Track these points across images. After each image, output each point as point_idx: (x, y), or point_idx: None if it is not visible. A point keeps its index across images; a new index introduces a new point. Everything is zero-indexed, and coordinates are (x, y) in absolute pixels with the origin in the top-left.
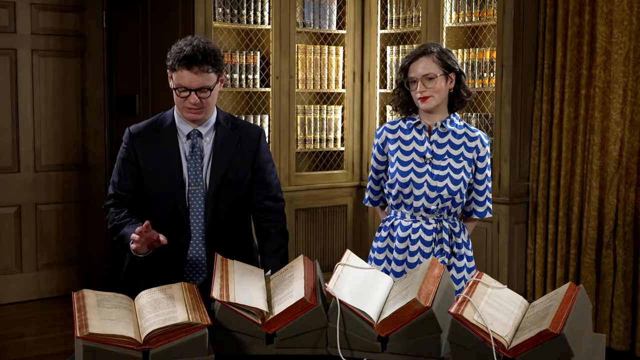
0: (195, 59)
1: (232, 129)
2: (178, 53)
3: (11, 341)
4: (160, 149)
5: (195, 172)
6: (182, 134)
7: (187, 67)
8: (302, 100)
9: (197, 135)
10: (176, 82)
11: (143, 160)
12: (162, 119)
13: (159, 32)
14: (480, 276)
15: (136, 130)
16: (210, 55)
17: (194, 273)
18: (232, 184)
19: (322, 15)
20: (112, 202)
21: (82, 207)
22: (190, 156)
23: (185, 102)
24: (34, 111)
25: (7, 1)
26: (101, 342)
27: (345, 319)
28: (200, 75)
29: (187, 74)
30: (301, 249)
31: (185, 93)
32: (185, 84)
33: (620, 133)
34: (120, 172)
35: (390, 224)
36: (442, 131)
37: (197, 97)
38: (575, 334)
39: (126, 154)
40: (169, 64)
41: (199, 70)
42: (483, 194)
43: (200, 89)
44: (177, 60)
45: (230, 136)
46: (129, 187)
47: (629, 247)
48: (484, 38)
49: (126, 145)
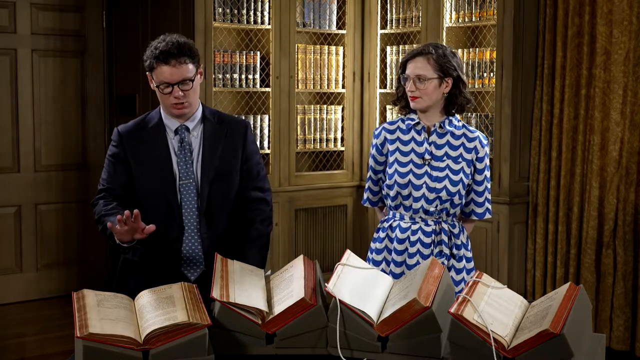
0: (171, 52)
1: (219, 122)
2: (153, 51)
3: (11, 341)
4: (150, 146)
5: (186, 166)
6: (170, 130)
7: (165, 61)
8: (302, 100)
9: (185, 130)
10: (157, 79)
11: (133, 158)
12: (149, 118)
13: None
14: (480, 276)
15: (125, 129)
16: (185, 47)
17: (190, 266)
18: (223, 175)
19: (322, 15)
20: (101, 196)
21: (82, 207)
22: (180, 151)
23: (169, 98)
24: (34, 111)
25: (7, 1)
26: (101, 342)
27: (345, 319)
28: (179, 67)
29: (167, 69)
30: (301, 249)
31: (168, 89)
32: (166, 79)
33: (620, 133)
34: (109, 169)
35: (388, 225)
36: (441, 132)
37: (180, 90)
38: (575, 334)
39: (116, 152)
40: (147, 65)
41: (177, 63)
42: (482, 194)
43: (182, 81)
44: (154, 58)
45: (218, 130)
46: (119, 182)
47: (629, 247)
48: (484, 38)
49: (115, 143)
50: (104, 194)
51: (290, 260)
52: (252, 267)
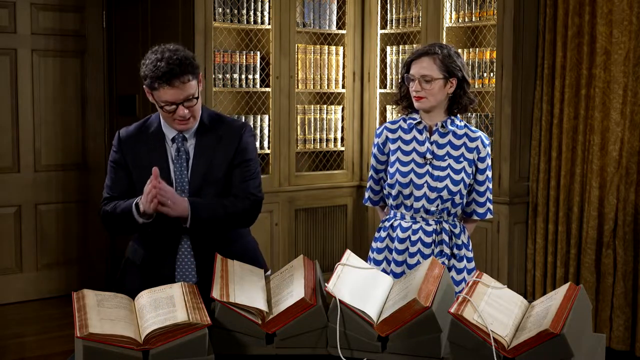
0: (174, 73)
1: (216, 127)
2: (154, 71)
3: (11, 341)
4: (148, 153)
5: (181, 175)
6: (168, 138)
7: (168, 83)
8: (302, 100)
9: (182, 139)
10: (159, 99)
11: (132, 164)
12: (149, 122)
13: (159, 32)
14: (480, 276)
15: (125, 134)
16: (186, 63)
17: (184, 277)
18: (212, 182)
19: (322, 15)
20: (104, 203)
21: (82, 207)
22: (176, 159)
23: (174, 116)
24: (34, 111)
25: (7, 1)
26: (101, 342)
27: (345, 319)
28: (182, 87)
29: (170, 91)
30: (301, 249)
31: (172, 107)
32: (169, 100)
33: (620, 133)
34: (112, 175)
35: (389, 224)
36: (443, 131)
37: (185, 109)
38: (575, 334)
39: (116, 158)
40: (147, 83)
41: (181, 83)
42: (484, 194)
43: (186, 99)
44: (156, 79)
45: (213, 136)
46: (122, 189)
47: (629, 247)
48: (484, 38)
49: (116, 149)
50: (106, 202)
51: (290, 260)
52: (252, 267)
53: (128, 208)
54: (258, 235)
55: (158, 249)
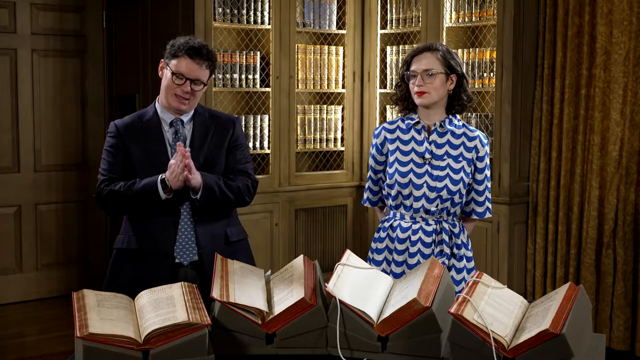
0: (200, 52)
1: (210, 116)
2: (185, 43)
3: (11, 341)
4: (147, 138)
5: None
6: (165, 122)
7: (191, 56)
8: (302, 100)
9: (180, 122)
10: (175, 68)
11: (131, 149)
12: (143, 112)
13: (159, 33)
14: (480, 276)
15: (122, 123)
16: (211, 54)
17: (184, 252)
18: (209, 164)
19: (322, 15)
20: (106, 184)
21: (82, 207)
22: (174, 142)
23: (177, 89)
24: (34, 111)
25: (7, 1)
26: (101, 342)
27: (345, 319)
28: (200, 67)
29: (189, 63)
30: (301, 249)
31: (181, 81)
32: (183, 72)
33: (620, 133)
34: (109, 159)
35: (389, 224)
36: (441, 131)
37: (190, 87)
38: (575, 334)
39: (114, 142)
40: (171, 51)
41: (200, 62)
42: (482, 194)
43: (195, 80)
44: (184, 49)
45: (209, 122)
46: (120, 171)
47: (629, 247)
48: (484, 38)
49: (113, 134)
50: (107, 182)
51: (290, 260)
52: (252, 267)
53: (151, 185)
54: (258, 235)
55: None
